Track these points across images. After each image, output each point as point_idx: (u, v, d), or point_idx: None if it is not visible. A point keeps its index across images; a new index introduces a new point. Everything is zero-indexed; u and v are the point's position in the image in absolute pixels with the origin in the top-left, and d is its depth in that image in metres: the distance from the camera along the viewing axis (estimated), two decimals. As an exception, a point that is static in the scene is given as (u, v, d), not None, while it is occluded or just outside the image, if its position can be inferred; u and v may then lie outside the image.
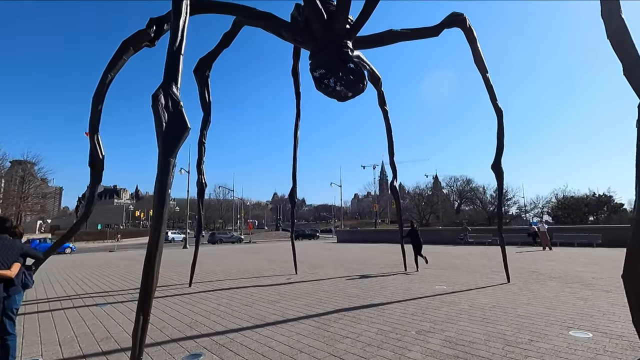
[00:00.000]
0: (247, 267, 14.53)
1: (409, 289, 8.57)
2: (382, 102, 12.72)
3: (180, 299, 8.05)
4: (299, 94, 12.61)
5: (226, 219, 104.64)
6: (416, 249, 12.24)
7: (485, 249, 22.13)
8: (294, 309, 6.72)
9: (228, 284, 10.02)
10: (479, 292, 7.88)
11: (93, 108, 6.48)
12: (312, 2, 7.49)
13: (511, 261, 14.51)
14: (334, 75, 8.02)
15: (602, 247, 21.05)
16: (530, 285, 8.67)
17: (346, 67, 7.84)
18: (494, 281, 9.39)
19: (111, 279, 11.91)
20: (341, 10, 7.58)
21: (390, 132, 12.66)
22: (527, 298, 7.10)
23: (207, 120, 10.48)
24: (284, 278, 10.96)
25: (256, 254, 21.73)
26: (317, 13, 7.65)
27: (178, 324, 5.83)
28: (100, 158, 6.46)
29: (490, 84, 9.91)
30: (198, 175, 10.25)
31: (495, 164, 9.51)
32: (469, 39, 9.97)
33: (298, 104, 12.67)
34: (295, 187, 12.68)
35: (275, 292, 8.61)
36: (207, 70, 10.53)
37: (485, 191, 68.29)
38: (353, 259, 17.00)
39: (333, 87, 8.16)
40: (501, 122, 9.75)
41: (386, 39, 9.16)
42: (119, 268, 15.21)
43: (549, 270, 11.30)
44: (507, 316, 5.73)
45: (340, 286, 9.20)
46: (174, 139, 3.49)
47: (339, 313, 6.27)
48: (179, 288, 9.58)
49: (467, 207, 76.65)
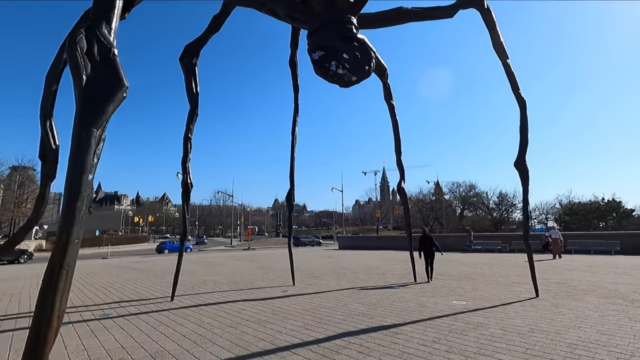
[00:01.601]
0: (240, 276, 13.33)
1: (422, 305, 7.37)
2: (388, 96, 11.62)
3: (155, 317, 6.86)
4: (297, 87, 11.53)
5: (226, 225, 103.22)
6: (429, 258, 11.04)
7: (494, 256, 20.88)
8: (288, 332, 5.54)
9: (215, 298, 8.83)
10: (507, 310, 6.68)
11: (46, 88, 5.39)
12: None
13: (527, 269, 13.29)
14: (335, 57, 6.93)
15: (620, 254, 19.81)
16: (564, 300, 7.46)
17: (350, 46, 6.75)
18: (520, 295, 8.19)
19: (86, 290, 10.72)
20: (344, -21, 6.51)
21: (397, 128, 11.55)
22: (568, 319, 5.90)
23: (194, 114, 9.40)
24: (279, 290, 9.77)
25: (252, 262, 20.51)
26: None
27: (140, 355, 4.65)
28: (53, 149, 5.35)
29: (511, 70, 8.80)
30: (183, 174, 9.14)
31: (519, 161, 8.37)
32: (486, 21, 8.87)
33: (296, 98, 11.58)
34: (292, 189, 11.54)
35: (268, 308, 7.43)
36: (194, 57, 9.47)
37: (489, 197, 67.09)
38: (356, 267, 15.78)
39: (335, 70, 7.06)
40: (525, 114, 8.63)
41: (395, 18, 8.07)
42: (103, 277, 14.02)
43: (576, 281, 10.08)
44: (555, 345, 4.54)
45: (343, 301, 8.01)
46: (100, 101, 2.36)
47: (342, 339, 5.09)
48: (159, 302, 8.39)
49: (470, 212, 75.25)
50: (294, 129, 11.56)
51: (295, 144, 11.56)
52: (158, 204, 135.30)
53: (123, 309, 7.70)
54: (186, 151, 9.18)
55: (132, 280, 12.93)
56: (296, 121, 11.59)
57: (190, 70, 9.45)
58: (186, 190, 9.08)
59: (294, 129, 11.56)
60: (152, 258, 27.19)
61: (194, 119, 9.45)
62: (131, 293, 9.94)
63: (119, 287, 11.21)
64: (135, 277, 13.70)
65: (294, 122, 11.59)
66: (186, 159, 9.17)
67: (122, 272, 16.07)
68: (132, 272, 15.94)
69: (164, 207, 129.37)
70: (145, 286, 11.25)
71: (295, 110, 11.65)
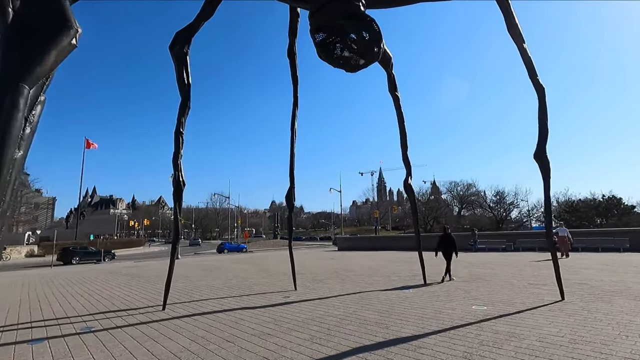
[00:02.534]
0: (238, 281, 12.59)
1: (439, 311, 6.69)
2: (392, 88, 10.96)
3: (143, 330, 6.13)
4: (296, 79, 10.83)
5: (222, 228, 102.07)
6: (449, 258, 10.67)
7: (500, 255, 20.28)
8: (293, 347, 4.84)
9: (211, 306, 8.10)
10: (535, 316, 6.02)
11: None
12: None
13: (539, 269, 12.74)
14: (341, 38, 6.26)
15: (629, 251, 19.28)
16: (594, 304, 6.81)
17: (358, 25, 6.10)
18: (542, 298, 7.53)
19: (71, 298, 9.94)
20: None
21: (402, 122, 10.89)
22: (609, 326, 5.24)
23: (185, 106, 8.70)
24: (280, 296, 9.06)
25: (251, 265, 19.75)
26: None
27: (120, 380, 3.93)
28: None
29: (528, 55, 8.15)
30: (174, 171, 8.41)
31: (539, 152, 7.72)
32: (501, 4, 8.27)
33: (295, 90, 10.88)
34: (293, 187, 10.82)
35: (269, 317, 6.72)
36: (185, 46, 8.77)
37: (486, 196, 66.59)
38: (359, 269, 15.08)
39: (340, 53, 6.39)
40: (543, 102, 7.98)
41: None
42: (92, 283, 13.21)
43: (597, 281, 9.45)
44: (609, 361, 3.88)
45: (352, 307, 7.31)
46: (36, 49, 1.66)
47: (357, 355, 4.39)
48: (149, 312, 7.65)
49: (468, 212, 74.75)
50: (293, 123, 10.86)
51: (295, 140, 10.88)
52: (154, 208, 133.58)
53: (108, 321, 6.95)
54: (177, 147, 8.46)
55: (123, 286, 12.16)
56: (295, 115, 10.90)
57: (181, 60, 8.75)
58: (178, 189, 8.36)
59: (293, 123, 10.86)
60: (146, 262, 26.32)
61: (185, 112, 8.74)
62: (120, 302, 9.19)
63: (108, 295, 10.44)
64: (126, 284, 12.92)
65: (293, 116, 10.89)
66: (177, 155, 8.45)
67: (113, 277, 15.26)
68: (124, 277, 15.14)
69: (160, 210, 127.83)
70: (136, 294, 10.49)
71: (294, 104, 10.95)
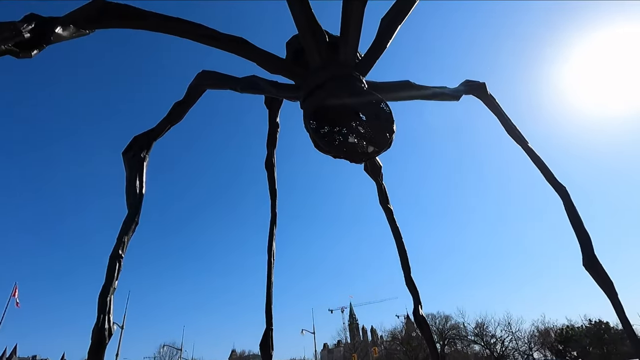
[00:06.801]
0: None
1: None
2: (384, 200, 9.62)
3: None
4: (274, 192, 9.33)
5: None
6: None
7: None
8: None
9: None
10: None
11: None
12: (302, 8, 4.98)
13: None
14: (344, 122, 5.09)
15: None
16: None
17: (365, 102, 5.03)
18: None
19: None
20: (350, 30, 5.11)
21: (399, 237, 9.08)
22: None
23: (132, 222, 6.52)
24: None
25: None
26: (312, 32, 5.06)
27: None
28: None
29: (536, 156, 7.40)
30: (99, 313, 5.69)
31: (589, 260, 6.09)
32: (492, 108, 7.95)
33: (274, 205, 9.23)
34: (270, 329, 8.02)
35: None
36: (143, 151, 7.27)
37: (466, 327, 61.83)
38: None
39: (343, 139, 5.13)
40: (569, 203, 6.86)
41: (401, 90, 6.73)
42: None
43: None
44: None
45: None
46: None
47: None
48: None
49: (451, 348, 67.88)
50: (271, 244, 8.88)
51: (273, 264, 8.72)
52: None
53: None
54: (111, 276, 5.92)
55: None
56: (274, 234, 9.04)
57: (135, 166, 7.08)
58: (100, 341, 5.49)
59: (271, 244, 8.88)
60: None
61: (131, 229, 6.52)
62: None
63: None
64: None
65: (270, 235, 8.99)
66: (109, 288, 5.84)
67: None
68: None
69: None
70: None
71: (272, 221, 9.20)
